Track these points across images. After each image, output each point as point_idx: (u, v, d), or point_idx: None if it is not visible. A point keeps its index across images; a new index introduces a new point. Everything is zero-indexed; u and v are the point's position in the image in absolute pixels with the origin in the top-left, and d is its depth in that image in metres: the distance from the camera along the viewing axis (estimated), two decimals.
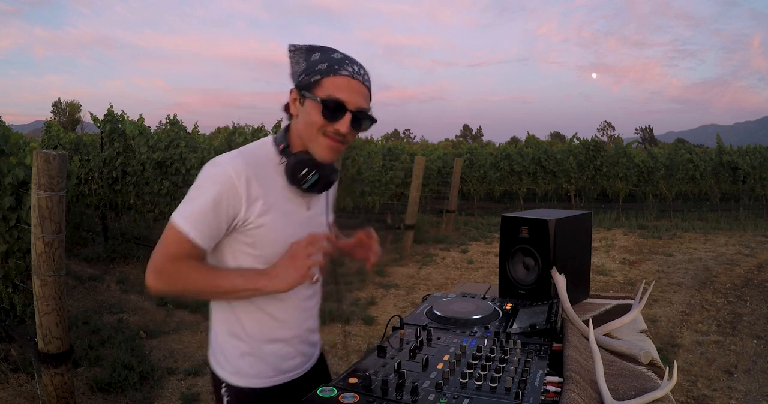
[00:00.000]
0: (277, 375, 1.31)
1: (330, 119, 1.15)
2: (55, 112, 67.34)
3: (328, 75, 1.15)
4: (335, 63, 1.15)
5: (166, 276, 1.13)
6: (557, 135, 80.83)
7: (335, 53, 1.18)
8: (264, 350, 1.29)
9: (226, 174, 1.13)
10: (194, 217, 1.12)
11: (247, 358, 1.28)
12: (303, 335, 1.36)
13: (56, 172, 2.56)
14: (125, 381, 3.37)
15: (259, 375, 1.29)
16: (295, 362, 1.36)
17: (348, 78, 1.15)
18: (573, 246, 1.76)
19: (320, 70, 1.15)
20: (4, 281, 3.48)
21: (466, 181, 13.26)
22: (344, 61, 1.17)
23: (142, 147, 6.81)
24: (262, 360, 1.29)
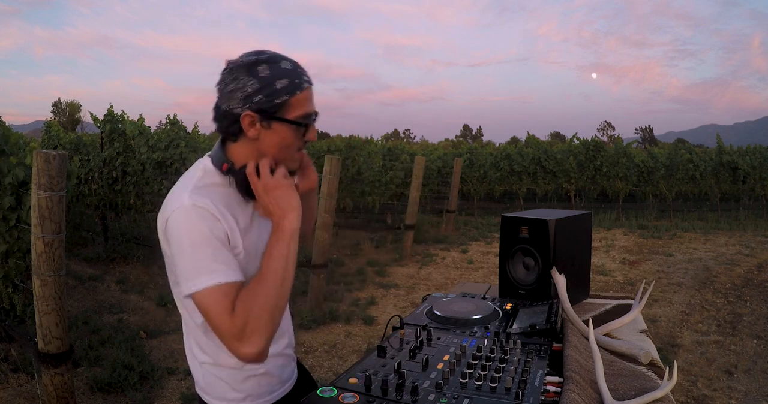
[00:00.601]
0: (282, 386, 1.27)
1: (304, 135, 1.13)
2: (55, 112, 67.34)
3: (293, 93, 1.08)
4: (294, 77, 1.09)
5: (256, 324, 0.98)
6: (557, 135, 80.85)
7: (283, 63, 1.09)
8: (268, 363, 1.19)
9: (196, 210, 1.05)
10: (214, 265, 1.02)
11: (252, 379, 1.21)
12: (289, 345, 1.32)
13: (56, 172, 2.56)
14: (125, 381, 3.38)
15: (269, 391, 1.23)
16: (291, 367, 1.33)
17: (309, 89, 1.12)
18: (573, 246, 1.76)
19: (284, 90, 1.07)
20: (4, 281, 3.48)
21: (466, 181, 13.26)
22: (298, 73, 1.10)
23: (142, 147, 6.81)
24: (266, 375, 1.22)
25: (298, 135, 1.12)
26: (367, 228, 9.99)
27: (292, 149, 1.14)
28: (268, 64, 1.08)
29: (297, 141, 1.13)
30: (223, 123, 1.12)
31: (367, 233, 9.35)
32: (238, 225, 1.11)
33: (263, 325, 0.98)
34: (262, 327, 0.98)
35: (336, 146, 10.16)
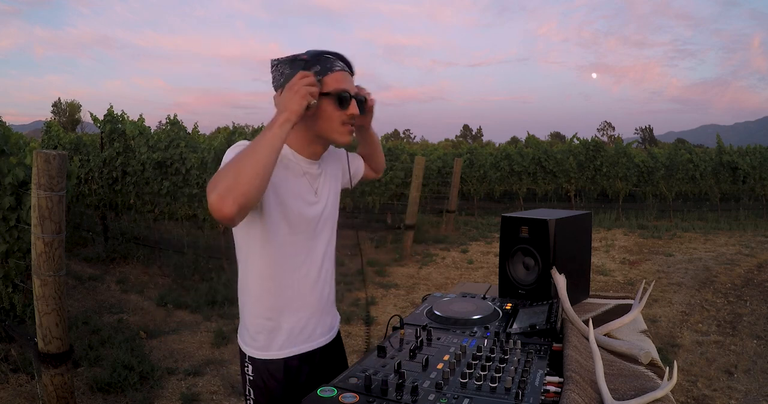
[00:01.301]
0: (294, 346, 1.42)
1: (344, 108, 1.31)
2: (55, 112, 67.33)
3: (326, 74, 1.30)
4: (326, 62, 1.31)
5: (218, 177, 1.10)
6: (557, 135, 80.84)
7: (319, 51, 1.33)
8: (281, 322, 1.39)
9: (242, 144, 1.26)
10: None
11: (265, 332, 1.39)
12: (318, 305, 1.46)
13: (56, 172, 2.56)
14: (125, 381, 3.37)
15: (277, 346, 1.40)
16: (313, 333, 1.45)
17: (341, 72, 1.33)
18: (573, 246, 1.76)
19: (318, 72, 1.30)
20: (4, 281, 3.48)
21: (466, 181, 13.26)
22: (330, 59, 1.32)
23: (142, 147, 6.81)
24: (279, 333, 1.40)
25: (338, 108, 1.31)
26: (367, 229, 9.98)
27: (334, 121, 1.32)
28: (307, 54, 1.31)
29: (336, 113, 1.31)
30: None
31: (367, 233, 9.35)
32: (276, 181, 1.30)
33: (225, 181, 1.08)
34: (223, 183, 1.08)
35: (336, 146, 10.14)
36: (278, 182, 1.32)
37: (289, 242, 1.37)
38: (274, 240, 1.35)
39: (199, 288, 5.63)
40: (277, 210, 1.33)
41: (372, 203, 10.50)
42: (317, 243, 1.45)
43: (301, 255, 1.40)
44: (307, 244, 1.41)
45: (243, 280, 1.42)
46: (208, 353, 4.07)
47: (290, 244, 1.38)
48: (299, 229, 1.38)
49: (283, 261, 1.38)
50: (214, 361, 3.88)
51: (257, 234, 1.35)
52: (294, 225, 1.37)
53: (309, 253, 1.42)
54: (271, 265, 1.37)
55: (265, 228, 1.34)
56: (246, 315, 1.43)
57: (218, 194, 1.06)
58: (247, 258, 1.39)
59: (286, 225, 1.35)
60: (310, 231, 1.42)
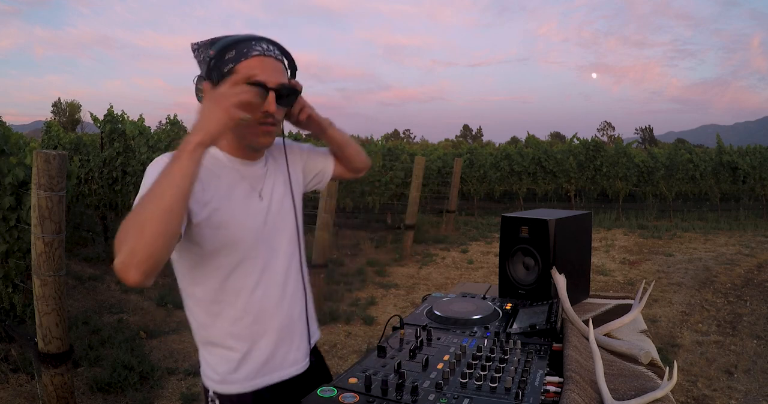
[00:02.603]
0: (263, 376, 1.23)
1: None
2: (55, 112, 67.35)
3: (239, 61, 1.09)
4: (243, 47, 1.09)
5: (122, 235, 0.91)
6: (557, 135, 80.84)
7: (239, 37, 1.11)
8: (243, 351, 1.20)
9: (162, 163, 1.01)
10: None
11: (234, 364, 1.20)
12: (286, 328, 1.26)
13: (56, 172, 2.56)
14: (125, 381, 3.37)
15: (242, 378, 1.21)
16: (284, 360, 1.27)
17: (260, 57, 1.10)
18: (573, 246, 1.76)
19: (231, 59, 1.09)
20: (4, 281, 3.48)
21: (466, 181, 13.26)
22: (251, 42, 1.10)
23: (142, 147, 6.81)
24: (243, 363, 1.21)
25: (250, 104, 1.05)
26: (367, 229, 9.98)
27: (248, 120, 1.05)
28: (225, 38, 1.10)
29: (249, 110, 1.05)
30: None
31: (367, 233, 9.35)
32: (211, 198, 1.12)
33: (126, 242, 0.89)
34: (126, 244, 0.89)
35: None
36: (208, 198, 1.12)
37: (233, 263, 1.16)
38: (213, 266, 1.15)
39: None
40: (210, 230, 1.12)
41: (372, 203, 10.50)
42: (273, 257, 1.23)
43: (253, 275, 1.19)
44: (258, 262, 1.19)
45: (189, 309, 1.21)
46: None
47: (236, 265, 1.16)
48: (244, 246, 1.17)
49: (232, 284, 1.17)
50: None
51: (191, 261, 1.16)
52: (235, 244, 1.15)
53: (264, 270, 1.21)
54: (216, 293, 1.17)
55: (199, 253, 1.14)
56: (202, 347, 1.23)
57: (120, 260, 0.89)
58: (186, 287, 1.19)
59: (225, 244, 1.14)
60: (259, 246, 1.19)
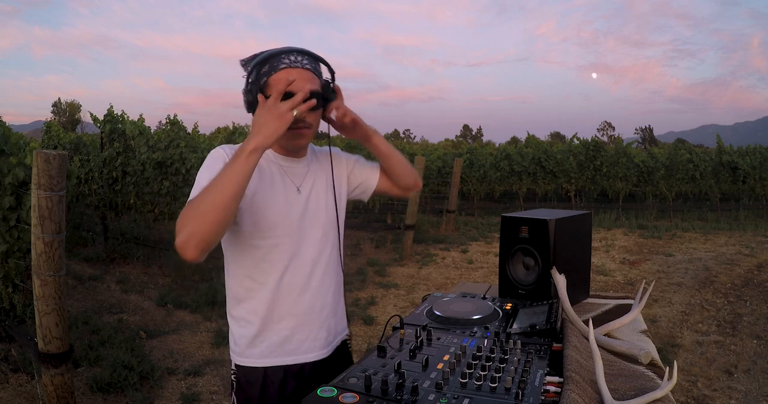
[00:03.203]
0: (276, 357, 1.35)
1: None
2: (55, 112, 67.36)
3: (270, 74, 1.24)
4: (273, 61, 1.24)
5: (184, 218, 1.10)
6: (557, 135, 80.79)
7: (272, 51, 1.25)
8: (261, 329, 1.34)
9: (220, 153, 1.27)
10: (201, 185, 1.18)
11: (251, 339, 1.34)
12: (306, 317, 1.37)
13: (56, 172, 2.56)
14: (125, 381, 3.37)
15: (257, 354, 1.34)
16: (299, 346, 1.37)
17: (287, 69, 1.24)
18: (573, 246, 1.76)
19: (264, 73, 1.24)
20: (4, 281, 3.48)
21: (466, 181, 13.26)
22: (281, 56, 1.25)
23: (142, 147, 6.81)
24: (259, 340, 1.34)
25: None
26: (367, 228, 9.98)
27: None
28: (261, 55, 1.25)
29: None
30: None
31: (367, 233, 9.35)
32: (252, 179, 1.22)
33: (188, 221, 1.09)
34: (187, 223, 1.09)
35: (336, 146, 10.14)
36: (252, 185, 1.26)
37: (266, 246, 1.31)
38: (250, 245, 1.31)
39: (199, 288, 5.63)
40: (250, 213, 1.28)
41: (372, 203, 10.49)
42: (304, 248, 1.36)
43: (283, 261, 1.33)
44: (289, 249, 1.33)
45: (227, 282, 1.39)
46: (208, 353, 4.07)
47: (269, 249, 1.31)
48: (278, 232, 1.31)
49: (263, 266, 1.32)
50: (214, 361, 3.88)
51: (232, 239, 1.32)
52: (270, 229, 1.31)
53: (293, 259, 1.34)
54: (250, 270, 1.32)
55: (239, 234, 1.30)
56: (230, 318, 1.40)
57: (181, 240, 1.08)
58: (228, 260, 1.36)
59: (261, 230, 1.30)
60: (292, 234, 1.33)
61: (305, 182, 1.39)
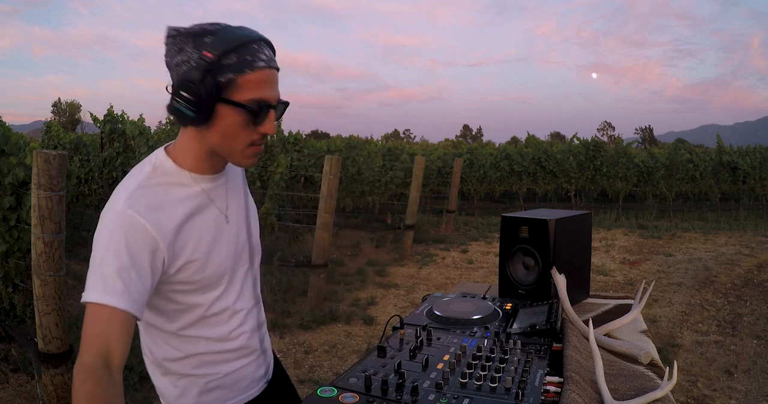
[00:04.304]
0: (242, 394, 1.18)
1: (257, 123, 0.98)
2: (55, 112, 67.37)
3: (242, 71, 0.92)
4: (245, 53, 0.92)
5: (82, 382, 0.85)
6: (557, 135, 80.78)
7: (238, 36, 0.92)
8: (224, 378, 1.14)
9: (126, 220, 0.94)
10: (113, 284, 0.90)
11: (204, 394, 1.13)
12: (248, 342, 1.19)
13: (56, 172, 2.56)
14: (125, 381, 3.36)
15: (219, 400, 1.15)
16: (256, 373, 1.22)
17: (266, 70, 0.95)
18: (573, 246, 1.76)
19: (231, 67, 0.92)
20: (4, 281, 3.48)
21: (466, 181, 13.26)
22: (254, 48, 0.94)
23: (142, 147, 6.81)
24: (220, 389, 1.14)
25: (248, 123, 0.96)
26: (367, 228, 9.98)
27: (239, 140, 0.98)
28: (216, 35, 0.92)
29: (246, 131, 0.97)
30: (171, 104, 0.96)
31: (367, 233, 9.35)
32: (179, 232, 1.00)
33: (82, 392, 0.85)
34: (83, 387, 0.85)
35: (336, 146, 10.16)
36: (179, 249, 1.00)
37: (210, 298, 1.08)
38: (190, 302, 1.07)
39: None
40: (187, 277, 1.04)
41: (372, 203, 10.50)
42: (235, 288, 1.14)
43: (228, 310, 1.12)
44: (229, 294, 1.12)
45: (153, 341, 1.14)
46: None
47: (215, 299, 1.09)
48: (221, 279, 1.09)
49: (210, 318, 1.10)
50: None
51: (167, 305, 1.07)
52: (215, 281, 1.08)
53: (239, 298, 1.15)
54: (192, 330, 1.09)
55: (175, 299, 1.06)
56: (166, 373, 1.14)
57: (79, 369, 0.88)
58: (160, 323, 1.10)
59: (203, 286, 1.06)
60: (229, 276, 1.12)
61: (230, 204, 1.13)
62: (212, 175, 1.08)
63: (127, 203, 0.95)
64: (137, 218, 0.94)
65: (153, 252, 0.95)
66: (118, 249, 0.92)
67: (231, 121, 0.96)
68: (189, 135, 1.04)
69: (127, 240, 0.93)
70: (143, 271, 0.94)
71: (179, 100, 0.94)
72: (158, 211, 0.97)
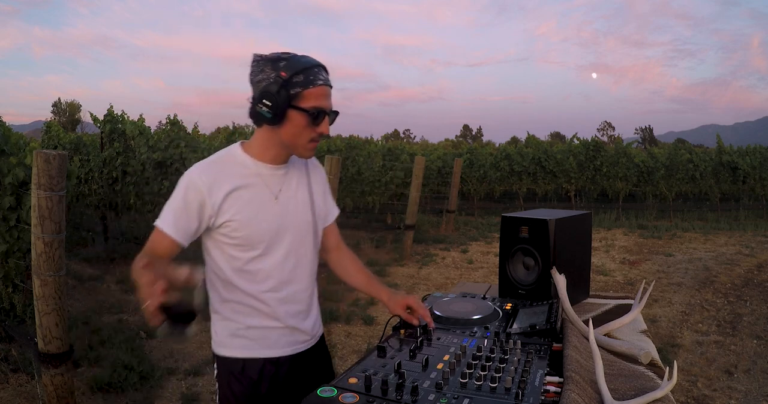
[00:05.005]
0: (260, 350, 1.42)
1: (316, 125, 1.30)
2: (55, 112, 67.33)
3: (307, 87, 1.26)
4: (309, 74, 1.27)
5: (135, 266, 1.25)
6: (557, 135, 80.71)
7: (305, 62, 1.28)
8: (248, 330, 1.41)
9: (188, 182, 1.33)
10: (168, 216, 1.33)
11: (233, 338, 1.42)
12: (288, 315, 1.43)
13: (56, 172, 2.56)
14: (125, 381, 3.37)
15: (241, 347, 1.42)
16: (277, 342, 1.44)
17: (323, 87, 1.29)
18: (573, 246, 1.76)
19: (298, 83, 1.26)
20: (4, 281, 3.48)
21: (466, 181, 13.26)
22: (315, 70, 1.28)
23: (142, 147, 6.81)
24: (245, 338, 1.42)
25: (309, 124, 1.30)
26: (367, 228, 9.98)
27: (303, 137, 1.32)
28: (288, 61, 1.27)
29: (308, 130, 1.31)
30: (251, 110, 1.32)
31: (367, 233, 9.35)
32: (227, 195, 1.33)
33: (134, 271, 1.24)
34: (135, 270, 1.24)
35: (336, 146, 10.15)
36: (235, 207, 1.33)
37: (246, 257, 1.37)
38: (230, 254, 1.37)
39: None
40: (229, 231, 1.34)
41: (372, 203, 10.50)
42: (281, 255, 1.41)
43: (263, 268, 1.39)
44: (267, 258, 1.39)
45: (208, 278, 1.43)
46: (208, 353, 4.06)
47: (248, 259, 1.37)
48: (256, 241, 1.36)
49: (244, 274, 1.38)
50: None
51: (212, 248, 1.39)
52: (250, 239, 1.36)
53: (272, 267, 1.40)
54: (232, 275, 1.38)
55: (220, 243, 1.37)
56: (212, 312, 1.46)
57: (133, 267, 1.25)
58: (209, 264, 1.42)
59: (240, 243, 1.36)
60: (270, 241, 1.39)
61: (284, 188, 1.42)
62: (272, 165, 1.40)
63: (195, 169, 1.36)
64: (195, 180, 1.33)
65: (201, 204, 1.32)
66: (177, 197, 1.34)
67: (298, 122, 1.29)
68: (262, 133, 1.36)
69: (185, 192, 1.33)
70: (191, 215, 1.33)
71: (261, 106, 1.27)
72: (213, 179, 1.33)
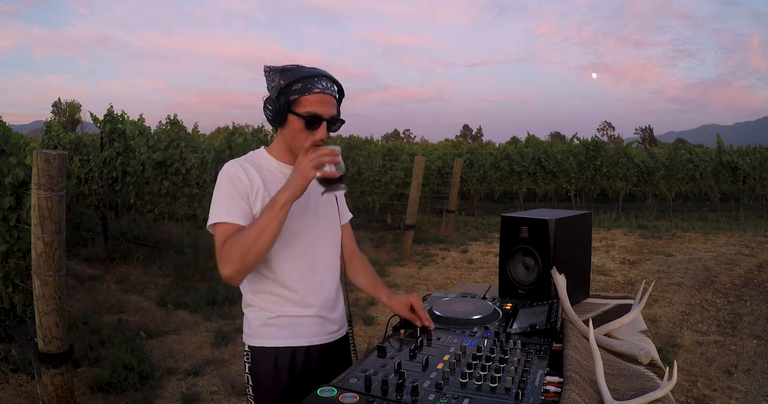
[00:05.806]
0: (291, 338, 1.49)
1: (311, 129, 1.39)
2: (55, 112, 67.31)
3: (303, 94, 1.37)
4: (308, 82, 1.37)
5: (228, 255, 1.32)
6: (557, 135, 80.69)
7: (305, 72, 1.38)
8: (278, 319, 1.49)
9: (229, 171, 1.43)
10: (222, 209, 1.39)
11: (264, 327, 1.49)
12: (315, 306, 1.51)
13: (56, 172, 2.56)
14: (125, 381, 3.38)
15: (273, 336, 1.49)
16: (309, 331, 1.51)
17: (320, 94, 1.38)
18: (573, 246, 1.76)
19: (297, 90, 1.37)
20: (4, 281, 3.48)
21: (466, 181, 13.26)
22: (314, 79, 1.38)
23: (142, 147, 6.81)
24: (275, 327, 1.49)
25: (306, 130, 1.38)
26: (367, 228, 9.98)
27: (301, 141, 1.39)
28: (292, 70, 1.39)
29: (304, 134, 1.39)
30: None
31: (367, 233, 9.35)
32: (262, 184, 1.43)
33: (233, 258, 1.31)
34: (232, 260, 1.31)
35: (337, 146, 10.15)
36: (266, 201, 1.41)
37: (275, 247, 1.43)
38: None
39: (199, 288, 5.63)
40: None
41: (372, 203, 10.50)
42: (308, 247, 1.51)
43: (290, 259, 1.49)
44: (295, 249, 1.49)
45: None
46: (208, 353, 4.07)
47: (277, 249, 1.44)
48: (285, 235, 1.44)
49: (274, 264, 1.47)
50: (214, 361, 3.88)
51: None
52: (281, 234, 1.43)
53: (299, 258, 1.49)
54: (262, 267, 1.47)
55: None
56: (245, 307, 1.54)
57: (229, 274, 1.33)
58: None
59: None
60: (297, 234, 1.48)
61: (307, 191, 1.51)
62: (292, 165, 1.42)
63: (232, 163, 1.47)
64: (237, 171, 1.43)
65: (246, 191, 1.42)
66: (224, 189, 1.41)
67: (295, 126, 1.40)
68: (278, 136, 1.50)
69: (230, 181, 1.41)
70: (243, 198, 1.41)
71: (265, 110, 1.42)
72: (249, 173, 1.44)
